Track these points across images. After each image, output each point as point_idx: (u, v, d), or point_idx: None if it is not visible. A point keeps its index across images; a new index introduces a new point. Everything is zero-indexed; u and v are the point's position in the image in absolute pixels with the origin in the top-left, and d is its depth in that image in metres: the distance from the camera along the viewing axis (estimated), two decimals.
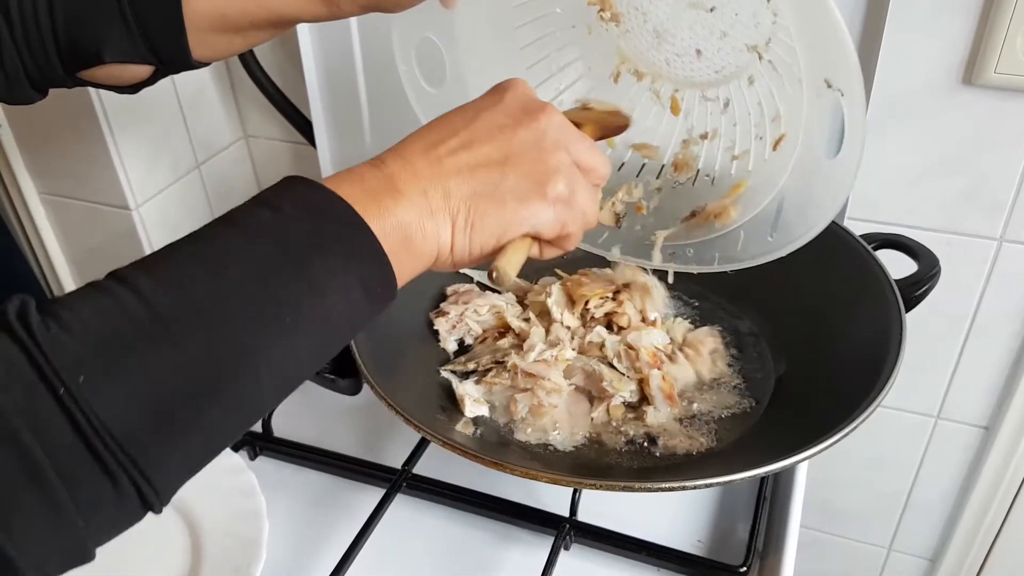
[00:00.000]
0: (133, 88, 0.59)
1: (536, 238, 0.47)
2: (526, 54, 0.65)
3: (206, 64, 0.58)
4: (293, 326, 0.36)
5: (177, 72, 0.58)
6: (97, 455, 0.31)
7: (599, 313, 0.75)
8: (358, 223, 0.39)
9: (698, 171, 0.65)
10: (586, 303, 0.75)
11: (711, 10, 0.57)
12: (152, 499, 0.33)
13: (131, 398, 0.32)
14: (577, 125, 0.50)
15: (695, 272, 0.66)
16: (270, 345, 0.36)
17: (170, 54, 0.56)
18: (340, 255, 0.38)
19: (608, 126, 0.55)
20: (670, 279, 0.70)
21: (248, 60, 0.96)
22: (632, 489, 0.54)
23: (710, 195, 0.64)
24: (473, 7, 0.60)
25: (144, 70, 0.57)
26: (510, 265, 0.45)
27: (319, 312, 0.37)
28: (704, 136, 0.64)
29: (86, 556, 0.32)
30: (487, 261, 0.46)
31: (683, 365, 0.71)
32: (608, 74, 0.65)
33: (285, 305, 0.36)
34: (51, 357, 0.30)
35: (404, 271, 0.41)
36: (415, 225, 0.41)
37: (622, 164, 0.67)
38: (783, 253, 0.60)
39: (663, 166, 0.66)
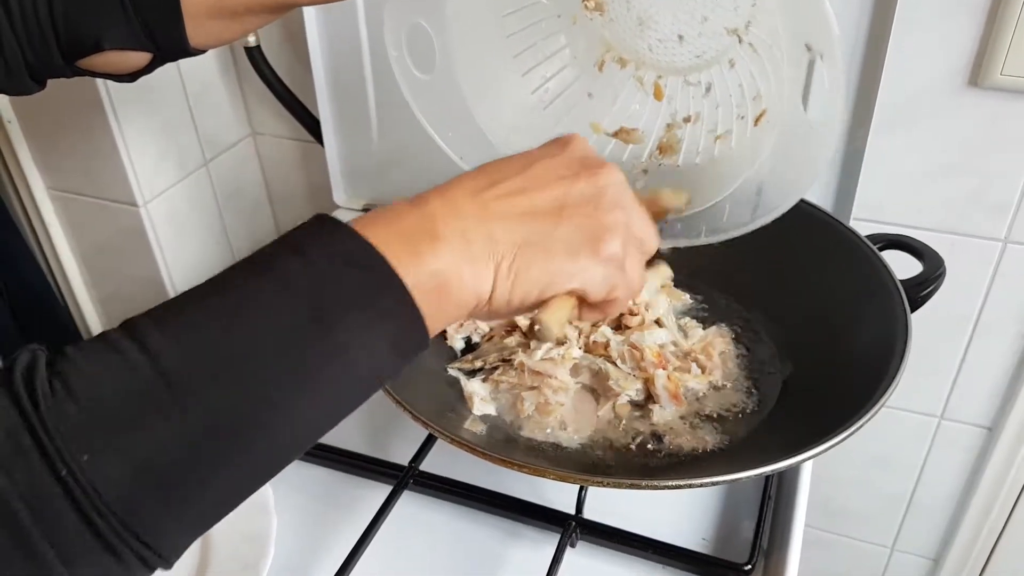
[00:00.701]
0: (131, 76, 0.60)
1: (580, 298, 0.43)
2: (513, 42, 0.65)
3: (203, 51, 0.59)
4: (311, 386, 0.34)
5: (175, 60, 0.59)
6: (99, 534, 0.30)
7: None
8: (388, 276, 0.36)
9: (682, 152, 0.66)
10: None
11: None
12: (158, 564, 0.32)
13: (136, 473, 0.30)
14: None
15: (683, 246, 0.66)
16: (285, 408, 0.34)
17: (168, 41, 0.56)
18: (367, 311, 0.35)
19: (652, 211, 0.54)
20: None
21: (256, 57, 0.96)
22: (638, 487, 0.54)
23: (695, 173, 0.65)
24: None
25: (142, 58, 0.58)
26: (553, 320, 0.42)
27: (340, 370, 0.35)
28: (687, 119, 0.65)
29: None
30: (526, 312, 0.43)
31: (697, 377, 0.71)
32: (593, 62, 0.66)
33: (304, 364, 0.34)
34: (54, 434, 0.29)
35: (437, 321, 0.38)
36: (453, 272, 0.38)
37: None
38: (767, 221, 0.60)
39: (648, 150, 0.67)
